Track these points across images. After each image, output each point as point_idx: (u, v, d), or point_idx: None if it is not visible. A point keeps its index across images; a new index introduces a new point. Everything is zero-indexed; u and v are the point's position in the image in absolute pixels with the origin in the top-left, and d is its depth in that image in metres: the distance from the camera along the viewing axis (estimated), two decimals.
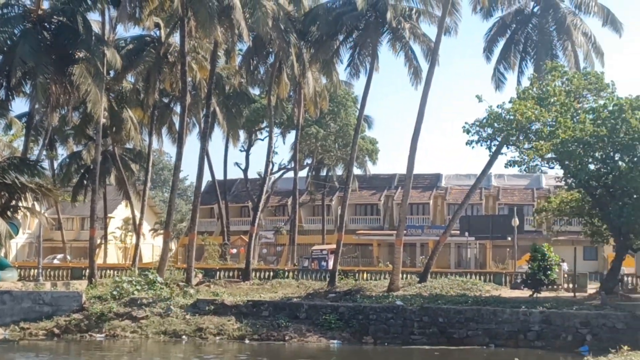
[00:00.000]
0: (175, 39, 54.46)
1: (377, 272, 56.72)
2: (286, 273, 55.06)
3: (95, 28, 52.32)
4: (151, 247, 76.66)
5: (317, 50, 54.65)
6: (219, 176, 76.68)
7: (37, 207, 53.54)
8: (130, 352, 38.00)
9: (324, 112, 66.52)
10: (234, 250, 72.14)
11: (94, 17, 52.73)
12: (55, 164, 71.18)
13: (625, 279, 49.78)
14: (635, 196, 40.66)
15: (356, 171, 72.70)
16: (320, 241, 74.91)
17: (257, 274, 54.71)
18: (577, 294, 45.51)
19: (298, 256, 67.28)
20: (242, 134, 73.16)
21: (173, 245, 60.39)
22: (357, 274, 54.81)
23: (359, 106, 60.72)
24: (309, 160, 79.08)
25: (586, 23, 55.75)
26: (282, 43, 52.69)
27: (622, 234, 43.39)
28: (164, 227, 59.29)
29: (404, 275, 50.60)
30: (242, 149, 77.44)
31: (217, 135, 67.38)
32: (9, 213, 47.45)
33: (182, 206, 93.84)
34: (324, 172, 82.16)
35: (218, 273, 55.58)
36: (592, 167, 42.16)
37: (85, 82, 50.23)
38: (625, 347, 20.30)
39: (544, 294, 44.76)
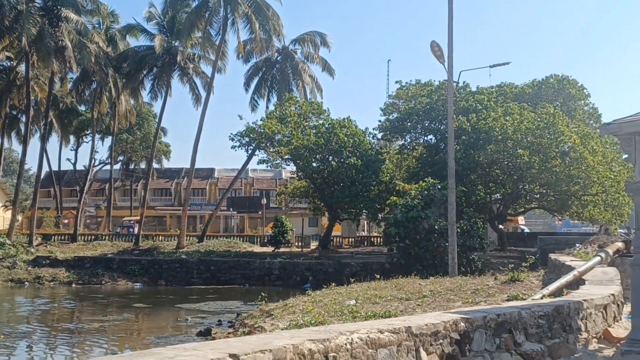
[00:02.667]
0: (22, 68, 51.57)
1: (169, 235, 56.27)
2: (104, 237, 53.48)
3: None
4: (2, 219, 72.20)
5: (127, 80, 53.48)
6: (55, 167, 73.49)
7: None
8: None
9: (132, 123, 64.87)
10: (66, 221, 69.08)
11: None
12: None
13: (335, 239, 51.81)
14: (341, 184, 42.35)
15: (155, 165, 71.46)
16: (129, 214, 73.08)
17: (83, 237, 52.75)
18: (303, 249, 46.97)
19: (113, 225, 65.51)
20: (72, 138, 70.30)
21: (19, 217, 57.28)
22: (154, 237, 54.13)
23: (157, 120, 59.81)
24: (121, 157, 76.89)
25: (311, 69, 57.08)
26: (102, 74, 51.21)
27: (332, 210, 45.09)
28: (12, 204, 56.05)
29: (188, 238, 50.26)
30: (72, 149, 74.36)
31: (54, 138, 64.42)
32: None
33: (26, 189, 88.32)
34: (132, 166, 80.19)
35: (53, 237, 53.18)
36: (314, 165, 43.35)
37: None
38: (333, 284, 21.24)
39: (282, 249, 45.92)
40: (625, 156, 9.83)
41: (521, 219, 65.59)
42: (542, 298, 10.58)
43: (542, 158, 36.48)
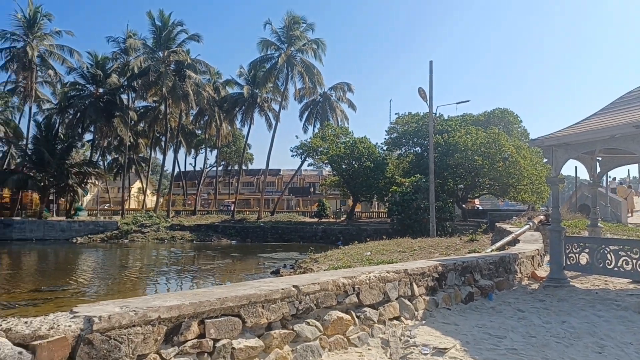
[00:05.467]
0: (162, 107, 52.36)
1: (253, 211, 56.43)
2: (212, 212, 53.90)
3: (125, 101, 49.91)
4: (150, 200, 73.45)
5: (227, 114, 53.81)
6: (182, 169, 74.86)
7: (97, 182, 50.92)
8: (140, 247, 36.64)
9: (229, 141, 65.40)
10: (189, 202, 69.99)
11: (124, 96, 50.16)
12: (106, 163, 66.71)
13: (356, 213, 51.44)
14: (360, 179, 41.86)
15: (244, 167, 71.83)
16: (227, 198, 73.75)
17: (199, 213, 53.24)
18: (337, 220, 46.78)
19: (218, 205, 66.13)
20: (193, 151, 71.44)
21: (161, 200, 58.10)
22: (244, 212, 54.44)
23: (245, 139, 60.31)
24: (223, 162, 77.61)
25: (341, 106, 56.73)
26: (211, 111, 51.73)
27: (355, 195, 44.64)
28: (156, 191, 57.04)
29: (264, 213, 50.50)
30: (193, 157, 76.07)
31: (182, 151, 65.46)
32: (83, 185, 45.18)
33: (165, 182, 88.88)
34: (229, 168, 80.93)
35: (181, 212, 53.92)
36: (343, 167, 42.95)
37: (119, 126, 48.34)
38: (356, 242, 21.14)
39: (324, 220, 45.76)
40: (545, 160, 9.68)
41: (477, 201, 64.24)
42: (491, 251, 10.39)
43: (490, 162, 35.78)
